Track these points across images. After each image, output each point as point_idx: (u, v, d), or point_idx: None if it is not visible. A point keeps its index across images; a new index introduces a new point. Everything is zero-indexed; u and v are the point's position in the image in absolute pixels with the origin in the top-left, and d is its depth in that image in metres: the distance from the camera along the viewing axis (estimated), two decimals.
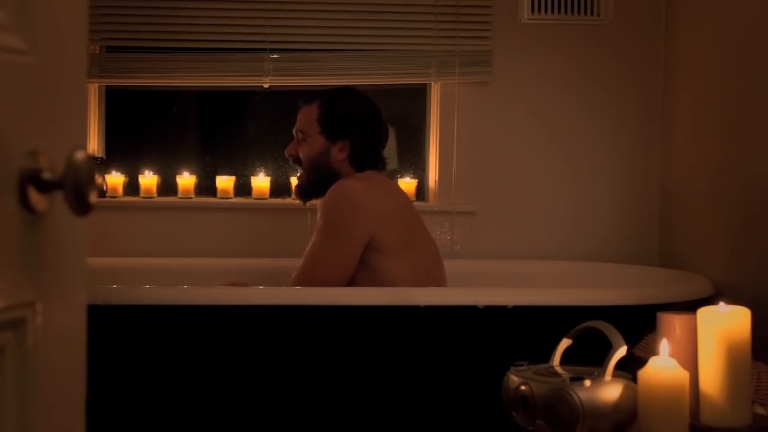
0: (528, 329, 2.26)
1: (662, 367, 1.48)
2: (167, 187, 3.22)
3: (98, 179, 3.01)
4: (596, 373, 1.59)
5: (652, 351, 1.55)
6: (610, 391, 1.55)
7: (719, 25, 2.73)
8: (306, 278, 2.35)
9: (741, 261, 2.52)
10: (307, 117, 2.49)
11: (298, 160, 2.52)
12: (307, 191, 2.53)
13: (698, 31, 2.92)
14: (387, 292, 2.34)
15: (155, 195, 3.17)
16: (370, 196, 2.36)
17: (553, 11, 3.16)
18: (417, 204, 3.20)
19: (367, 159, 2.47)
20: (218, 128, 3.51)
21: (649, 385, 1.48)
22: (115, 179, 3.16)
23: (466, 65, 3.15)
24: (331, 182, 2.41)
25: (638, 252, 3.17)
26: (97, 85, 3.19)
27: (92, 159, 0.84)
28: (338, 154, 2.45)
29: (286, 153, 2.55)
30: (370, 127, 2.48)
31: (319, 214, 2.40)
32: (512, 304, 2.26)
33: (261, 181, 3.17)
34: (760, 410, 1.61)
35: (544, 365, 1.71)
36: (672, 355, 1.50)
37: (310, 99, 2.51)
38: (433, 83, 3.23)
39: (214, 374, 2.26)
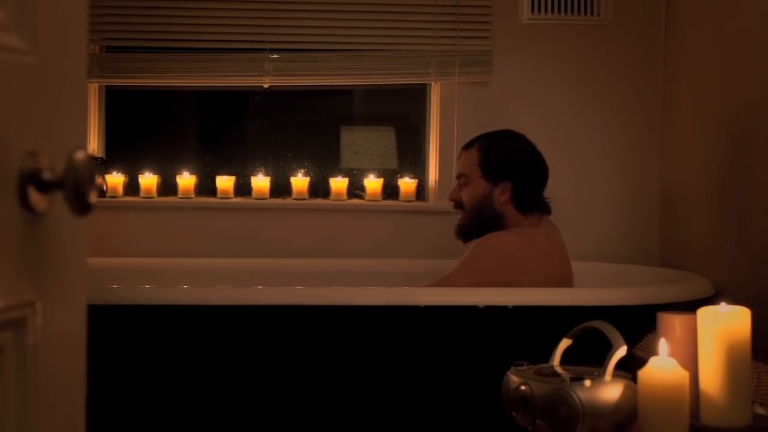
0: (528, 329, 2.26)
1: (662, 367, 1.47)
2: (167, 187, 3.22)
3: (98, 179, 3.02)
4: (596, 373, 1.59)
5: (652, 351, 1.55)
6: (610, 391, 1.55)
7: (719, 24, 2.73)
8: None
9: (741, 261, 2.52)
10: (467, 161, 2.53)
11: (460, 204, 2.55)
12: (468, 232, 2.54)
13: (698, 31, 2.92)
14: (387, 292, 2.34)
15: (155, 195, 3.17)
16: (519, 255, 2.39)
17: (552, 11, 3.16)
18: (417, 204, 3.22)
19: (530, 200, 2.49)
20: (218, 128, 3.51)
21: (649, 385, 1.48)
22: (115, 179, 3.17)
23: (465, 65, 3.15)
24: (494, 224, 2.47)
25: (638, 252, 3.17)
26: (97, 85, 3.19)
27: (92, 159, 0.84)
28: (500, 197, 2.48)
29: (449, 197, 2.60)
30: (530, 168, 2.51)
31: (469, 250, 2.45)
32: (512, 304, 2.26)
33: (261, 181, 3.17)
34: (760, 410, 1.61)
35: (544, 365, 1.71)
36: (672, 355, 1.50)
37: (470, 144, 2.56)
38: (432, 83, 3.23)
39: (214, 374, 2.26)
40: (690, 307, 1.77)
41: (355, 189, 3.24)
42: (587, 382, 1.55)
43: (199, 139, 3.49)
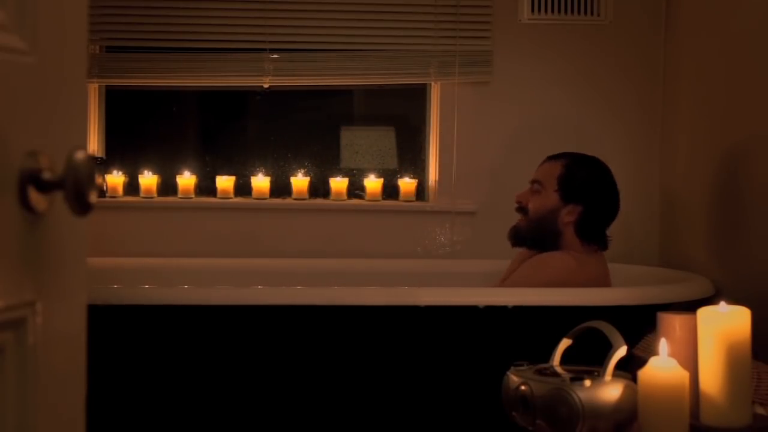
0: (528, 329, 2.26)
1: (662, 367, 1.48)
2: (167, 187, 3.22)
3: (98, 179, 3.02)
4: (596, 373, 1.59)
5: (652, 351, 1.55)
6: (610, 391, 1.55)
7: (719, 24, 2.73)
8: None
9: (741, 261, 2.52)
10: (549, 171, 2.54)
11: (523, 209, 2.57)
12: (521, 238, 2.57)
13: (698, 31, 2.92)
14: (387, 292, 2.34)
15: (155, 195, 3.17)
16: (574, 276, 2.41)
17: (553, 11, 3.16)
18: (417, 204, 3.22)
19: (592, 231, 2.51)
20: (218, 128, 3.51)
21: (649, 385, 1.48)
22: (115, 179, 3.17)
23: (466, 65, 3.15)
24: (550, 239, 2.49)
25: (638, 252, 3.17)
26: (97, 85, 3.19)
27: (92, 159, 0.84)
28: (566, 216, 2.49)
29: (516, 197, 2.60)
30: (604, 201, 2.53)
31: (529, 263, 2.49)
32: (512, 304, 2.26)
33: (261, 181, 3.17)
34: (760, 410, 1.61)
35: (544, 365, 1.71)
36: (672, 355, 1.50)
37: (557, 156, 2.57)
38: (432, 83, 3.23)
39: (214, 374, 2.26)
40: (690, 307, 1.77)
41: (355, 189, 3.24)
42: (587, 382, 1.56)
43: (199, 139, 3.49)
